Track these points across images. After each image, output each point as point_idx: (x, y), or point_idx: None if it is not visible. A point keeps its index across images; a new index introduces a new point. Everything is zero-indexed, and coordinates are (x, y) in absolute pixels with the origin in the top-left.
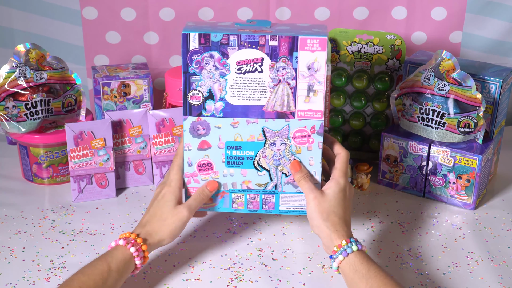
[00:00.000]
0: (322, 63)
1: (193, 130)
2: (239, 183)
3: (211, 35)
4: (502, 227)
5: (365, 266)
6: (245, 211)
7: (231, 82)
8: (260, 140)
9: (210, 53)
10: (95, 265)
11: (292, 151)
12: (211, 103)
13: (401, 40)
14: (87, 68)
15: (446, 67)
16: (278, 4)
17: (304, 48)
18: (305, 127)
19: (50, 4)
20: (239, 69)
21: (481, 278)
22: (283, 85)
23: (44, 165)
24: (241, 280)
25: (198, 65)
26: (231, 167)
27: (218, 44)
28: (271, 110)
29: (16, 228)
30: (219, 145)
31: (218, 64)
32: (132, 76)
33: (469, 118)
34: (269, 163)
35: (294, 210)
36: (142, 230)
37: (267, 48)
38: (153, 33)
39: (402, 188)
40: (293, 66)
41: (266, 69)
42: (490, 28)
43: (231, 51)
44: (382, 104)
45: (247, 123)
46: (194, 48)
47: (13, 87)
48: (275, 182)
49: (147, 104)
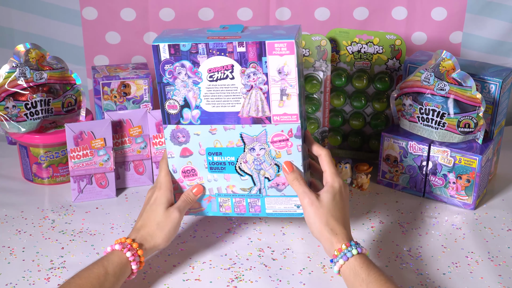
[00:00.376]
0: (292, 66)
1: (173, 138)
2: (224, 187)
3: (180, 45)
4: (502, 227)
5: (365, 270)
6: (233, 215)
7: (204, 90)
8: (239, 145)
9: (181, 62)
10: (91, 268)
11: (272, 156)
12: (188, 111)
13: (401, 40)
14: (87, 69)
15: (446, 67)
16: (278, 4)
17: (272, 52)
18: (282, 131)
19: (50, 4)
20: (211, 76)
21: (481, 278)
22: (255, 90)
23: (44, 165)
24: (241, 280)
25: (171, 74)
26: (214, 173)
27: (188, 53)
28: (246, 116)
29: (16, 228)
30: (200, 152)
31: (190, 72)
32: (132, 76)
33: (469, 118)
34: (250, 168)
35: (281, 213)
36: (137, 235)
37: (236, 55)
38: (153, 34)
39: (402, 188)
40: (263, 71)
41: (237, 75)
42: (490, 28)
43: (201, 59)
44: (382, 104)
45: (225, 130)
46: (165, 59)
47: (13, 87)
48: (258, 186)
49: (147, 104)
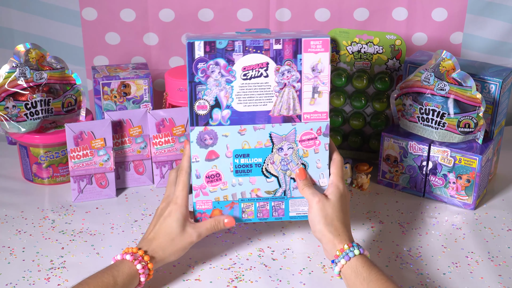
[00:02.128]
0: (325, 63)
1: (200, 141)
2: (248, 192)
3: (216, 42)
4: (502, 227)
5: (367, 269)
6: (255, 220)
7: (237, 88)
8: (268, 146)
9: (216, 60)
10: (100, 277)
11: (300, 155)
12: (218, 112)
13: (401, 40)
14: (87, 69)
15: (446, 67)
16: (278, 5)
17: (308, 50)
18: (311, 129)
19: (50, 5)
20: (245, 74)
21: (481, 278)
22: (288, 88)
23: (44, 165)
24: (241, 280)
25: (203, 73)
26: (239, 176)
27: (223, 51)
28: (277, 115)
29: (16, 228)
30: (227, 154)
31: (224, 71)
32: (132, 76)
33: (469, 118)
34: (277, 169)
35: (304, 215)
36: (149, 247)
37: (272, 52)
38: (153, 34)
39: (402, 188)
40: (297, 68)
41: (271, 73)
42: (491, 29)
43: (236, 57)
44: (382, 104)
45: (254, 130)
46: (199, 57)
47: (13, 87)
48: (284, 188)
49: (147, 104)
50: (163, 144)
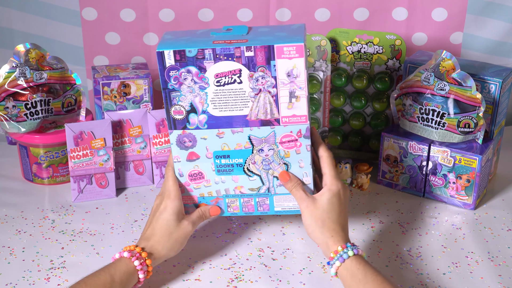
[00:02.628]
0: (301, 69)
1: (180, 143)
2: (232, 189)
3: (186, 51)
4: (502, 227)
5: (362, 271)
6: (241, 214)
7: (211, 95)
8: (248, 147)
9: (187, 68)
10: (98, 275)
11: (281, 156)
12: (195, 116)
13: (401, 40)
14: (87, 69)
15: (446, 67)
16: (278, 5)
17: (281, 56)
18: (291, 132)
19: (50, 5)
20: (218, 81)
21: (481, 278)
22: (264, 93)
23: (44, 165)
24: (241, 280)
25: (176, 80)
26: (222, 175)
27: (194, 59)
28: (255, 119)
29: (16, 228)
30: (207, 155)
31: (196, 78)
32: (132, 76)
33: (469, 118)
34: (259, 168)
35: (289, 210)
36: (147, 244)
37: (244, 59)
38: (153, 34)
39: (402, 188)
40: (272, 74)
41: (245, 79)
42: (491, 29)
43: (208, 64)
44: (382, 104)
45: (233, 133)
46: (170, 65)
47: (13, 87)
48: (267, 185)
49: (147, 104)
50: (163, 144)
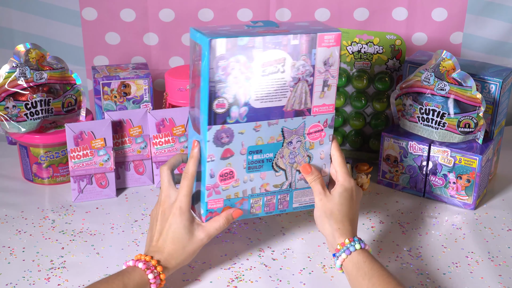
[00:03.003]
0: (336, 57)
1: (216, 140)
2: (258, 187)
3: (238, 40)
4: (502, 227)
5: (368, 264)
6: (262, 215)
7: (255, 85)
8: (279, 140)
9: (236, 57)
10: (111, 283)
11: (306, 147)
12: (236, 109)
13: (401, 40)
14: (87, 69)
15: (446, 67)
16: (278, 5)
17: (322, 44)
18: (318, 122)
19: (50, 5)
20: (264, 71)
21: (481, 278)
22: (302, 83)
23: (44, 165)
24: (241, 280)
25: (224, 71)
26: (251, 172)
27: (244, 47)
28: (290, 109)
29: (16, 228)
30: (242, 151)
31: (244, 68)
32: (132, 76)
33: (469, 118)
34: (285, 163)
35: (305, 205)
36: (161, 256)
37: (289, 48)
38: (153, 34)
39: (402, 188)
40: (311, 63)
41: (287, 68)
42: (491, 29)
43: (256, 53)
44: (382, 104)
45: (269, 125)
46: (221, 54)
47: (13, 87)
48: (290, 180)
49: (147, 104)
50: (163, 144)
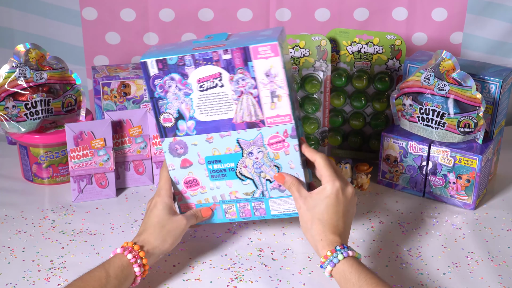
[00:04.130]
0: (278, 68)
1: (172, 151)
2: (227, 194)
3: (167, 59)
4: (502, 227)
5: (355, 274)
6: (238, 220)
7: (196, 100)
8: (237, 151)
9: (170, 75)
10: (93, 271)
11: (271, 158)
12: (183, 123)
13: (401, 40)
14: (87, 69)
15: (446, 67)
16: (278, 5)
17: (257, 56)
18: (277, 132)
19: (50, 5)
20: (201, 86)
21: (481, 278)
22: (246, 95)
23: (44, 165)
24: (241, 280)
25: (162, 89)
26: (216, 180)
27: (176, 66)
28: (240, 122)
29: (16, 228)
30: (200, 161)
31: (180, 85)
32: (132, 76)
33: (469, 118)
34: (251, 172)
35: (286, 213)
36: (139, 238)
37: (222, 62)
38: (153, 34)
39: (402, 188)
40: (251, 75)
41: (226, 82)
42: (491, 29)
43: (189, 70)
44: (382, 104)
45: (221, 137)
46: (154, 74)
47: (13, 87)
48: (261, 189)
49: (147, 104)
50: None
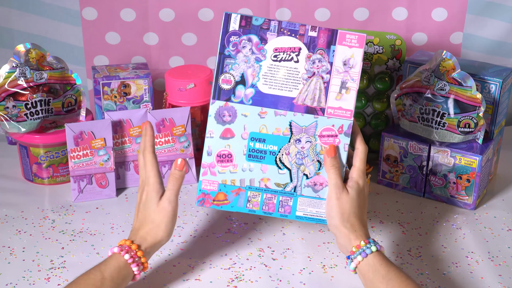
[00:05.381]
0: (358, 60)
1: (218, 116)
2: (258, 180)
3: (253, 18)
4: (502, 227)
5: (385, 267)
6: (259, 213)
7: (265, 68)
8: (286, 134)
9: (249, 36)
10: (88, 274)
11: (317, 151)
12: (242, 89)
13: (401, 40)
14: (87, 69)
15: (446, 67)
16: (278, 5)
17: (342, 42)
18: (333, 126)
19: (50, 5)
20: (275, 56)
21: (481, 278)
22: (316, 78)
23: (44, 165)
24: (241, 280)
25: (235, 47)
26: (251, 161)
27: (258, 28)
28: (301, 104)
29: (16, 228)
30: (243, 135)
31: (255, 48)
32: (132, 76)
33: (469, 118)
34: (291, 162)
35: (311, 217)
36: (136, 235)
37: (306, 38)
38: (153, 34)
39: (402, 188)
40: (329, 59)
41: (302, 59)
42: (491, 29)
43: (270, 36)
44: (382, 104)
45: (275, 115)
46: (233, 30)
47: (13, 87)
48: (295, 183)
49: (147, 104)
50: (163, 144)
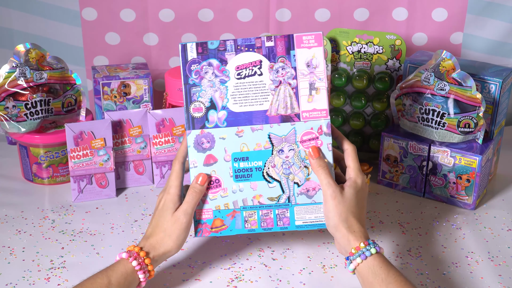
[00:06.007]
0: (320, 58)
1: (197, 145)
2: (250, 198)
3: (208, 43)
4: (502, 227)
5: (385, 270)
6: (259, 231)
7: (232, 88)
8: (267, 148)
9: (209, 61)
10: (95, 278)
11: (302, 157)
12: (214, 113)
13: (401, 40)
14: (87, 69)
15: (446, 67)
16: (278, 5)
17: (301, 45)
18: (311, 128)
19: (50, 5)
20: (239, 74)
21: (481, 278)
22: (284, 86)
23: (44, 165)
24: (241, 280)
25: (197, 74)
26: (240, 181)
27: (216, 51)
28: (275, 114)
29: (16, 228)
30: (226, 158)
31: (218, 71)
32: (132, 76)
33: (469, 118)
34: (279, 173)
35: (311, 224)
36: (146, 243)
37: (264, 50)
38: (153, 34)
39: (402, 188)
40: (292, 65)
41: (265, 71)
42: (491, 29)
43: (229, 56)
44: (382, 104)
45: (252, 131)
46: (192, 58)
47: (13, 87)
48: (287, 194)
49: (147, 104)
50: (163, 144)
